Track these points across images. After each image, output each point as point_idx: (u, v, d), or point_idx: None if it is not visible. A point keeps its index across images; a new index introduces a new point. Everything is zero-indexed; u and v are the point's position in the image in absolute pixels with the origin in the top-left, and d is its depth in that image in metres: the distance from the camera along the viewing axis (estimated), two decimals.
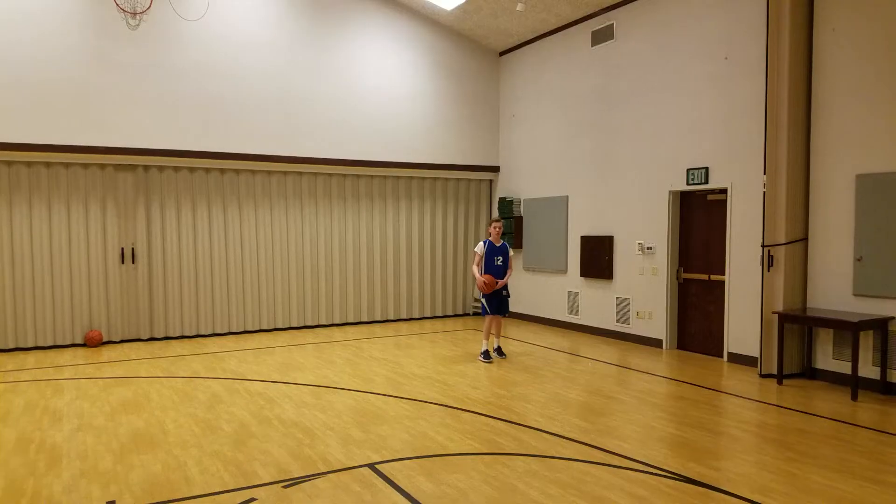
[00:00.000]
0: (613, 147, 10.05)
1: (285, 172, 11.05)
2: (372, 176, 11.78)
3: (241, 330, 10.84)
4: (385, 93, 11.58)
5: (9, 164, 9.21)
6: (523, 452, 5.07)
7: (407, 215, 12.19)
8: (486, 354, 8.50)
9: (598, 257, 10.26)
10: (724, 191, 8.48)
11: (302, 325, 11.34)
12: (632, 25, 9.71)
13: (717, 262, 8.67)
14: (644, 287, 9.52)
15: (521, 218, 12.06)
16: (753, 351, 7.99)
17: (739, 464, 4.83)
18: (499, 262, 8.42)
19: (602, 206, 10.27)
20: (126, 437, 5.49)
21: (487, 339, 8.56)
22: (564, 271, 11.08)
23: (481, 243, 8.50)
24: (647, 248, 9.42)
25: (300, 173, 11.17)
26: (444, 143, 12.21)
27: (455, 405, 6.40)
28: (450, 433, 5.53)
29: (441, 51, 12.08)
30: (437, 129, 12.12)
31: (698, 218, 8.98)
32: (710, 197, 8.79)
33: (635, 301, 9.68)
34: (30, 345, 9.42)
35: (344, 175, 11.53)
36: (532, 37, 11.68)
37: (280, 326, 11.17)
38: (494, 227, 8.42)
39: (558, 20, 10.85)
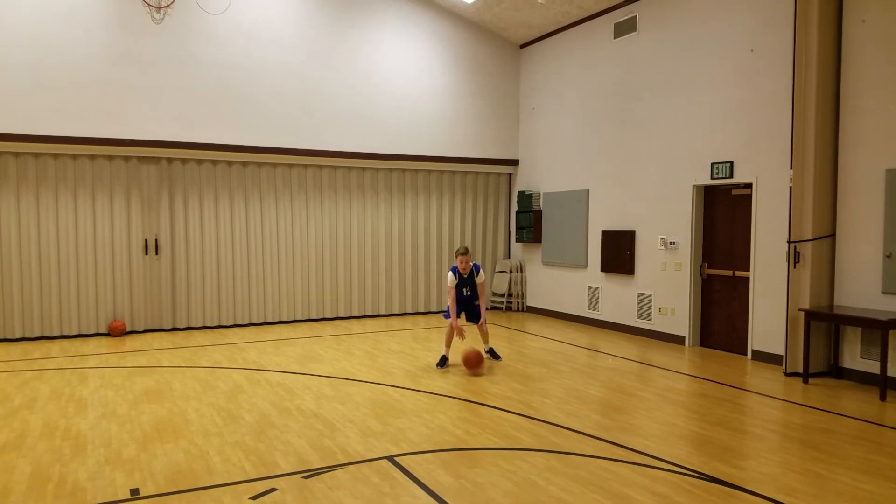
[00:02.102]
0: (636, 140, 9.93)
1: (305, 165, 11.08)
2: (391, 169, 11.77)
3: (262, 321, 10.92)
4: (405, 86, 11.56)
5: (35, 156, 9.34)
6: (543, 448, 5.04)
7: (426, 208, 12.17)
8: (443, 360, 7.78)
9: (619, 252, 10.17)
10: (748, 185, 8.35)
11: (321, 317, 11.39)
12: (655, 17, 9.57)
13: (741, 257, 8.54)
14: (666, 283, 9.41)
15: (540, 212, 11.99)
16: (778, 349, 7.87)
17: (764, 463, 4.76)
18: (466, 294, 7.78)
19: (624, 201, 10.16)
20: (149, 425, 5.56)
21: (448, 346, 7.87)
22: (584, 266, 10.99)
23: (451, 273, 7.73)
24: (670, 243, 9.31)
25: (320, 166, 11.20)
26: (464, 137, 12.16)
27: (473, 399, 6.38)
28: (468, 427, 5.51)
29: (461, 43, 12.02)
30: (456, 122, 12.07)
31: (722, 213, 8.85)
32: (734, 191, 8.66)
33: (657, 297, 9.58)
34: (55, 334, 9.57)
35: (363, 168, 11.54)
36: (553, 29, 11.57)
37: (300, 318, 11.23)
38: (461, 262, 7.67)
39: (580, 12, 10.73)
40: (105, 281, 9.82)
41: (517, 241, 12.54)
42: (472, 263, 7.77)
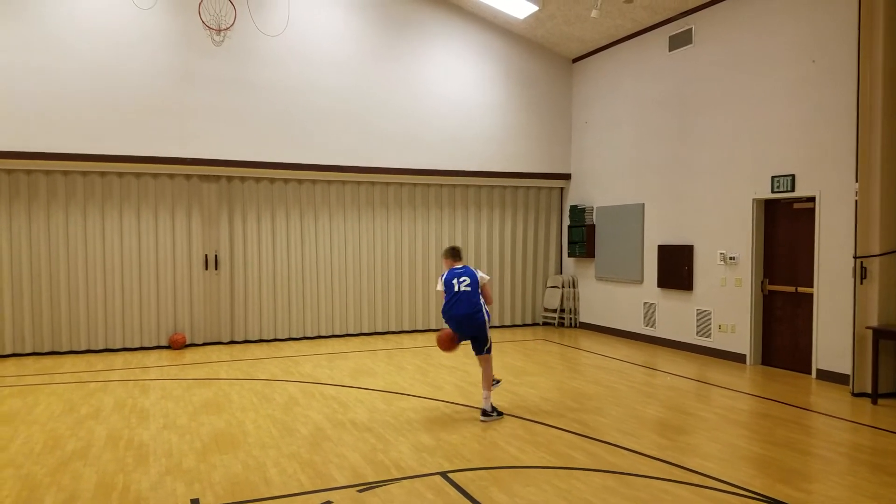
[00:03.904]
0: (692, 153, 9.73)
1: (358, 182, 11.26)
2: (442, 185, 11.84)
3: (316, 335, 11.09)
4: (456, 102, 11.65)
5: (102, 174, 9.78)
6: (599, 468, 4.93)
7: (476, 224, 12.18)
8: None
9: (676, 267, 9.93)
10: (811, 199, 8.05)
11: (373, 331, 11.49)
12: (711, 29, 9.39)
13: (804, 273, 8.22)
14: (726, 299, 9.14)
15: (593, 226, 11.83)
16: (845, 368, 7.52)
17: (832, 486, 4.54)
18: (465, 287, 6.18)
19: (681, 215, 9.94)
20: (208, 436, 5.69)
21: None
22: (640, 281, 10.77)
23: (440, 278, 6.44)
24: (730, 259, 9.04)
25: (372, 183, 11.36)
26: (515, 151, 12.15)
27: (526, 416, 6.31)
28: (521, 444, 5.45)
29: (512, 59, 12.05)
30: (507, 137, 12.08)
31: (784, 227, 8.56)
32: (796, 205, 8.36)
33: (717, 313, 9.30)
34: (118, 346, 9.93)
35: (415, 184, 11.65)
36: (606, 43, 11.49)
37: (352, 332, 11.35)
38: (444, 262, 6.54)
39: (634, 25, 10.63)
40: (166, 295, 10.16)
41: (569, 255, 12.40)
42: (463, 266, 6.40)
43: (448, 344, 6.24)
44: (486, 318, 6.25)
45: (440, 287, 6.29)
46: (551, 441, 5.56)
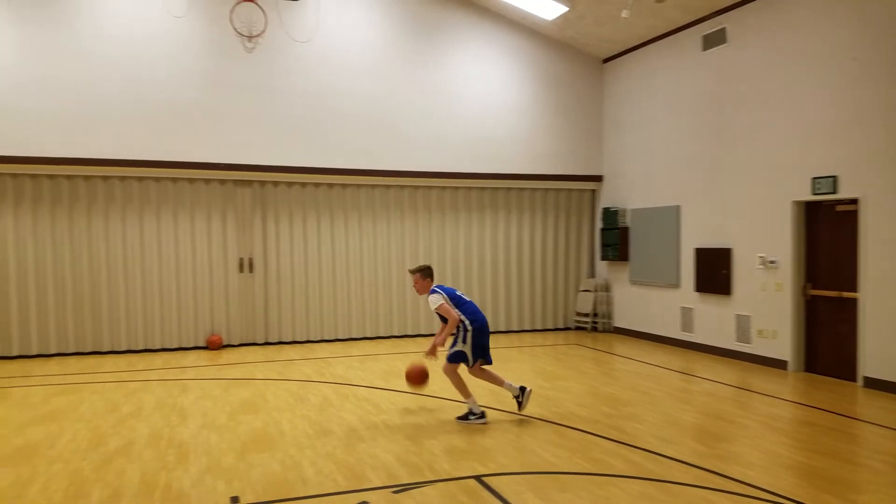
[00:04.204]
0: (729, 155, 9.55)
1: (387, 186, 11.32)
2: (470, 188, 11.83)
3: (347, 337, 11.16)
4: (485, 105, 11.63)
5: (139, 179, 10.00)
6: (637, 475, 4.85)
7: (506, 227, 12.12)
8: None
9: (714, 271, 9.75)
10: (854, 201, 7.83)
11: (403, 333, 11.52)
12: (746, 28, 9.22)
13: (848, 277, 7.99)
14: (767, 303, 8.93)
15: (627, 229, 11.69)
16: (893, 375, 7.28)
17: (882, 499, 4.39)
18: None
19: (718, 217, 9.76)
20: (246, 436, 5.76)
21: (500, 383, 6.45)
22: (677, 285, 10.60)
23: (441, 292, 6.32)
24: (770, 262, 8.85)
25: (401, 187, 11.41)
26: (545, 153, 12.07)
27: (560, 422, 6.24)
28: (556, 450, 5.39)
29: (542, 60, 11.98)
30: (536, 139, 12.01)
31: (826, 230, 8.33)
32: (838, 208, 8.14)
33: (757, 318, 9.10)
34: (157, 346, 10.14)
35: (443, 187, 11.66)
36: (638, 43, 11.36)
37: (383, 335, 11.40)
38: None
39: (666, 25, 10.49)
40: (203, 297, 10.35)
41: (602, 259, 12.27)
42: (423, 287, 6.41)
43: (423, 379, 6.22)
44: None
45: (442, 301, 6.12)
46: (587, 447, 5.49)
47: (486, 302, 11.97)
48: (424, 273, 6.39)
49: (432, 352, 6.17)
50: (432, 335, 11.62)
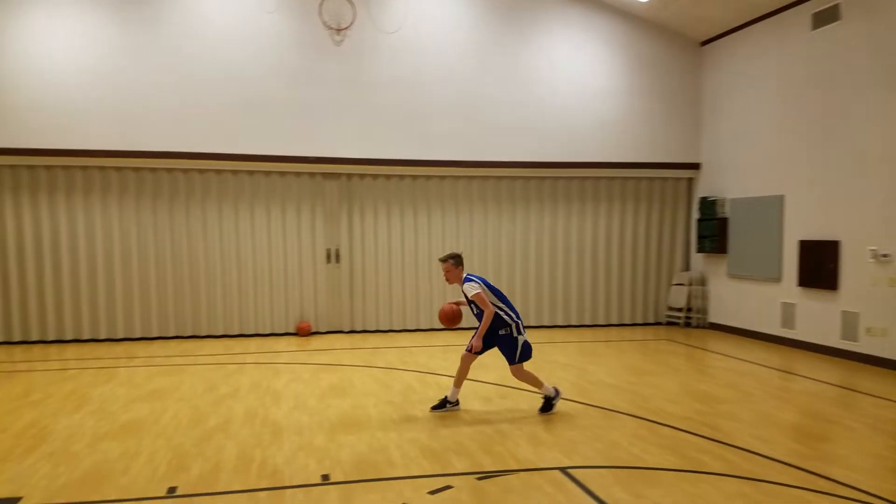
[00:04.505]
0: (839, 141, 8.90)
1: (472, 177, 11.29)
2: (558, 178, 11.60)
3: (429, 327, 11.26)
4: (575, 91, 11.36)
5: (234, 173, 10.45)
6: (732, 473, 4.63)
7: (594, 217, 11.81)
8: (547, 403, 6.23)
9: (820, 265, 9.13)
10: None
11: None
12: (863, 3, 8.54)
13: None
14: (877, 300, 8.28)
15: (725, 219, 11.13)
16: None
17: None
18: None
19: (826, 207, 9.12)
20: (335, 417, 5.94)
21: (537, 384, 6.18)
22: (778, 280, 10.01)
23: (477, 281, 6.00)
24: (883, 256, 8.20)
25: (486, 177, 11.35)
26: (638, 141, 11.66)
27: (650, 417, 6.04)
28: (645, 446, 5.22)
29: (635, 44, 11.58)
30: (630, 125, 11.61)
31: None
32: None
33: (866, 315, 8.46)
34: (251, 332, 10.61)
35: (530, 177, 11.50)
36: (739, 23, 10.76)
37: (464, 326, 11.33)
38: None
39: (772, 3, 9.87)
40: (293, 286, 10.73)
41: (698, 251, 11.75)
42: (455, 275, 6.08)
43: (454, 319, 6.15)
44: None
45: (479, 290, 5.84)
46: (678, 444, 5.28)
47: (571, 294, 11.76)
48: (456, 261, 6.07)
49: (473, 350, 5.98)
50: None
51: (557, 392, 6.20)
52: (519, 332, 6.04)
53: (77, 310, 9.97)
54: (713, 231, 11.20)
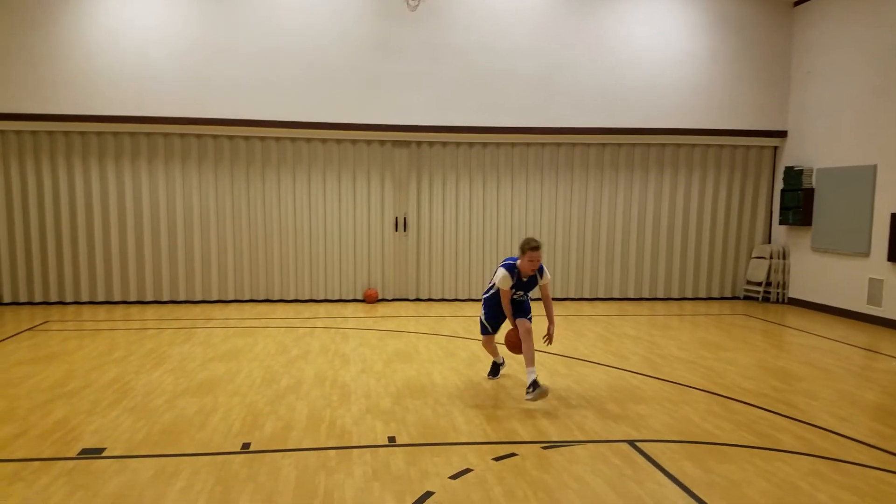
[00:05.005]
0: None
1: (543, 144, 11.07)
2: (634, 144, 11.22)
3: None
4: (652, 55, 10.87)
5: (308, 140, 10.62)
6: (808, 452, 4.44)
7: (672, 186, 11.37)
8: (495, 369, 6.30)
9: None
10: None
11: (551, 297, 11.32)
12: None
13: None
14: None
15: (811, 190, 10.53)
16: None
17: None
18: (520, 297, 5.86)
19: None
20: (401, 382, 6.02)
21: (496, 355, 6.23)
22: (866, 254, 9.42)
23: (505, 270, 5.61)
24: None
25: (558, 144, 11.10)
26: (720, 106, 11.08)
27: (723, 393, 5.84)
28: (718, 422, 5.06)
29: (720, 3, 10.96)
30: (711, 90, 11.04)
31: None
32: None
33: None
34: (321, 297, 10.87)
35: (603, 144, 11.17)
36: None
37: (530, 297, 11.25)
38: (530, 259, 5.51)
39: None
40: (362, 253, 10.90)
41: (781, 223, 11.17)
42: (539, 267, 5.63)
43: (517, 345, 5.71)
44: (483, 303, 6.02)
45: (504, 284, 5.62)
46: (753, 420, 5.10)
47: (643, 266, 11.44)
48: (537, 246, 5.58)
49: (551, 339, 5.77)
50: (583, 300, 11.36)
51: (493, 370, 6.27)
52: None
53: (157, 272, 10.45)
54: (797, 202, 10.62)
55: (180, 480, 3.91)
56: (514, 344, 5.66)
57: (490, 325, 5.96)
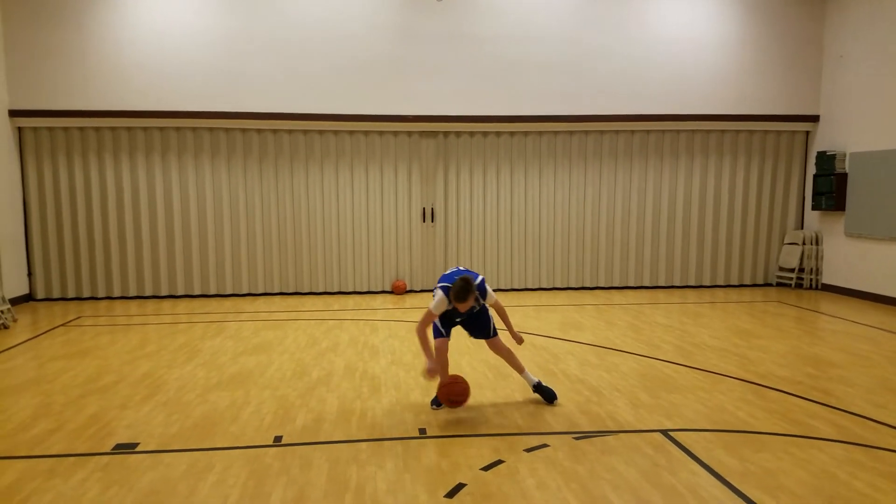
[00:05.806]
0: None
1: (571, 132, 10.97)
2: (663, 131, 11.04)
3: (523, 287, 11.18)
4: (681, 38, 10.66)
5: (336, 133, 10.67)
6: (845, 440, 4.37)
7: (702, 172, 11.16)
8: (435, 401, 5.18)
9: None
10: None
11: (580, 285, 11.27)
12: None
13: None
14: None
15: (845, 175, 10.28)
16: None
17: None
18: (457, 320, 5.19)
19: None
20: None
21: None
22: None
23: (443, 297, 4.81)
24: None
25: (586, 132, 10.99)
26: (751, 91, 10.83)
27: (757, 381, 5.76)
28: (752, 410, 4.99)
29: None
30: (741, 75, 10.81)
31: None
32: None
33: None
34: (349, 289, 10.94)
35: (632, 131, 11.02)
36: None
37: (559, 286, 11.25)
38: (460, 308, 4.86)
39: None
40: (389, 245, 10.93)
41: (813, 208, 10.93)
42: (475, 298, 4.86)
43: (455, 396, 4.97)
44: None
45: (434, 308, 4.90)
46: (788, 408, 5.02)
47: (674, 253, 11.29)
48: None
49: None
50: (613, 288, 11.26)
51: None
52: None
53: (188, 267, 10.61)
54: (830, 187, 10.38)
55: (213, 474, 3.97)
56: (449, 397, 4.88)
57: (444, 329, 5.11)
